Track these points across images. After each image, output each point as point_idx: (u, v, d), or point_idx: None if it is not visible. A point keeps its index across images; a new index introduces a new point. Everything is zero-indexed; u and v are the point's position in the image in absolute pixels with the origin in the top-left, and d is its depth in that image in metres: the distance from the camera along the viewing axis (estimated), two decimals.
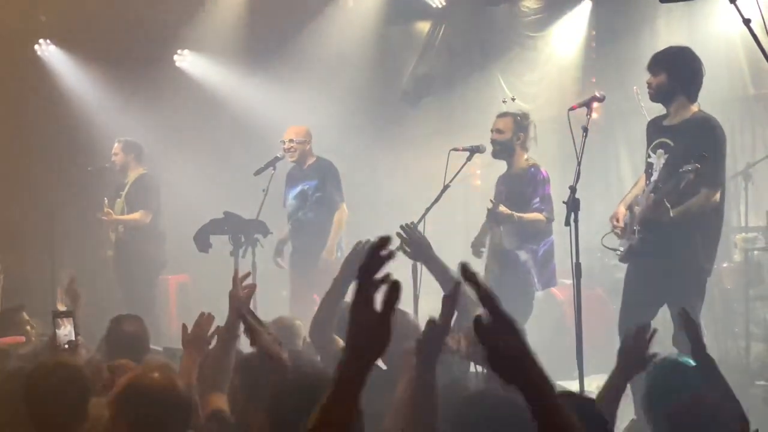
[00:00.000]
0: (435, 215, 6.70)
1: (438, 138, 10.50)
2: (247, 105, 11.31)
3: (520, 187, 7.28)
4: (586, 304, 5.75)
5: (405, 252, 5.32)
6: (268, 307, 6.90)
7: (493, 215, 7.14)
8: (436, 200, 6.71)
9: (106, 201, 9.39)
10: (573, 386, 5.24)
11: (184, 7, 11.20)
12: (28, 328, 6.53)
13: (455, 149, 7.11)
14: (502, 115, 7.47)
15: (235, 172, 9.94)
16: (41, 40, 11.50)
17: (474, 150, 7.09)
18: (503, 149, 7.33)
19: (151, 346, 5.44)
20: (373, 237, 2.02)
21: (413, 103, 11.67)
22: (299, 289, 8.70)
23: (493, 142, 7.33)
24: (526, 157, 7.36)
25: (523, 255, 7.24)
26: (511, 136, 7.30)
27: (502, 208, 7.03)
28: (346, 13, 11.43)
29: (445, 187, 6.78)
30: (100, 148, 10.26)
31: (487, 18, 11.31)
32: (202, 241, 7.82)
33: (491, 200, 7.18)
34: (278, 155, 8.61)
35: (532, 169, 7.27)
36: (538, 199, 7.19)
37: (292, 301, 8.83)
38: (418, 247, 5.33)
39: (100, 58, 11.13)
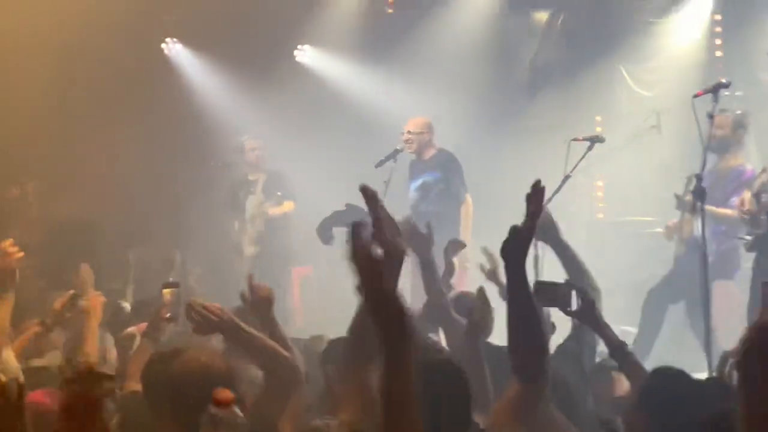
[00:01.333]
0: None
1: (557, 128, 10.41)
2: (367, 98, 11.39)
3: (724, 183, 7.21)
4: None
5: None
6: None
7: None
8: (557, 191, 6.67)
9: (248, 200, 9.67)
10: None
11: (304, 2, 11.37)
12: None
13: (575, 139, 7.06)
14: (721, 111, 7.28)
15: (356, 164, 10.05)
16: (168, 39, 11.87)
17: (594, 140, 7.02)
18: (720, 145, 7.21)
19: None
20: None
21: (532, 94, 11.59)
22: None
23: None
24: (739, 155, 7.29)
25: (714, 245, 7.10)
26: (729, 133, 7.23)
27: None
28: (465, 4, 11.41)
29: (566, 178, 6.74)
30: (223, 144, 10.52)
31: (607, 5, 11.16)
32: (324, 233, 7.93)
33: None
34: (398, 147, 8.67)
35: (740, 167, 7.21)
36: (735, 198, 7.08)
37: (413, 293, 8.87)
38: (544, 227, 5.22)
39: (223, 56, 11.40)
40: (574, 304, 3.99)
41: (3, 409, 2.65)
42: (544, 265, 5.83)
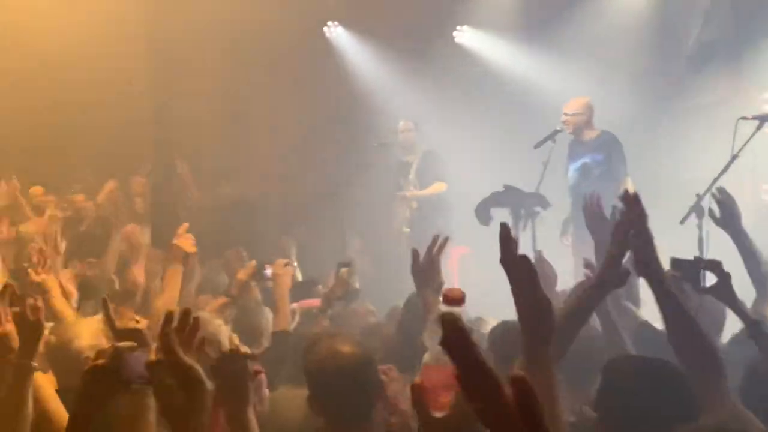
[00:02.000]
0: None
1: (723, 106, 10.07)
2: (526, 78, 11.30)
3: None
4: None
5: (713, 218, 5.12)
6: None
7: None
8: (724, 170, 6.47)
9: (403, 181, 9.77)
10: None
11: None
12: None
13: (744, 118, 6.82)
14: None
15: (515, 145, 9.99)
16: (329, 22, 12.08)
17: (765, 119, 6.77)
18: None
19: None
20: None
21: (698, 71, 11.23)
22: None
23: None
24: None
25: None
26: None
27: None
28: None
29: (734, 157, 6.52)
30: (383, 125, 10.64)
31: None
32: (483, 214, 7.92)
33: None
34: (558, 128, 8.58)
35: None
36: None
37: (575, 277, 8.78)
38: (728, 214, 5.06)
39: (383, 38, 11.54)
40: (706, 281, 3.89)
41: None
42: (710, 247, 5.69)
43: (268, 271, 5.88)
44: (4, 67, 11.54)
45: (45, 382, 3.24)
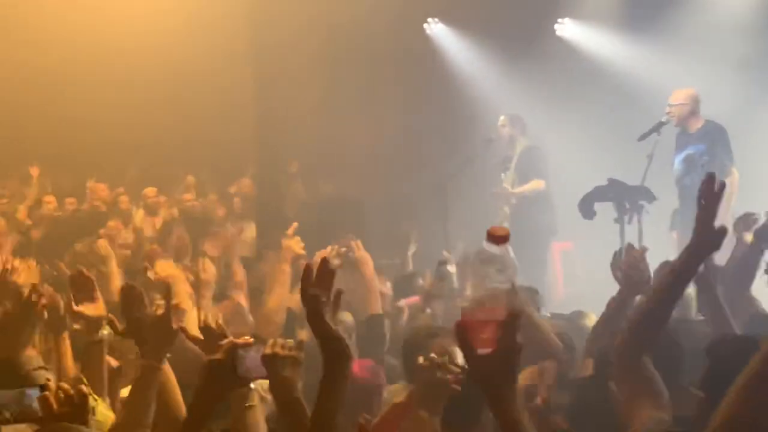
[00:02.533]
0: None
1: None
2: (630, 70, 11.14)
3: None
4: None
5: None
6: None
7: None
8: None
9: (503, 177, 9.76)
10: None
11: None
12: None
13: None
14: None
15: (619, 138, 9.87)
16: (429, 19, 12.13)
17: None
18: None
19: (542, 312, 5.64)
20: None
21: None
22: None
23: None
24: None
25: None
26: None
27: None
28: None
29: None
30: (485, 120, 10.63)
31: None
32: (586, 208, 7.84)
33: None
34: (663, 120, 8.44)
35: None
36: None
37: None
38: None
39: (484, 33, 11.53)
40: None
41: None
42: None
43: (354, 254, 6.01)
44: (120, 69, 11.92)
45: (169, 375, 3.36)
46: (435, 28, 12.19)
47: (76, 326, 4.10)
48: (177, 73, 12.13)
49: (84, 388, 2.58)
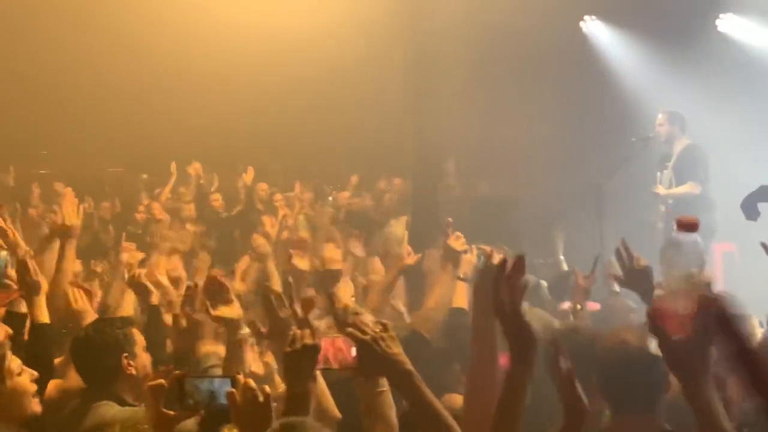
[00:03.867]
0: None
1: None
2: None
3: None
4: None
5: None
6: None
7: None
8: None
9: (660, 175, 9.59)
10: None
11: None
12: None
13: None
14: None
15: None
16: (586, 16, 12.00)
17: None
18: None
19: None
20: None
21: None
22: None
23: None
24: None
25: None
26: None
27: None
28: None
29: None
30: (643, 118, 10.45)
31: None
32: (750, 208, 7.60)
33: None
34: None
35: None
36: None
37: None
38: None
39: (642, 29, 11.34)
40: None
41: None
42: None
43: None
44: (280, 74, 12.27)
45: (319, 378, 3.47)
46: (591, 25, 12.05)
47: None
48: (334, 75, 12.41)
49: (267, 387, 2.68)
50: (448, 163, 11.75)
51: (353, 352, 2.99)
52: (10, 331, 3.73)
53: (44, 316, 4.39)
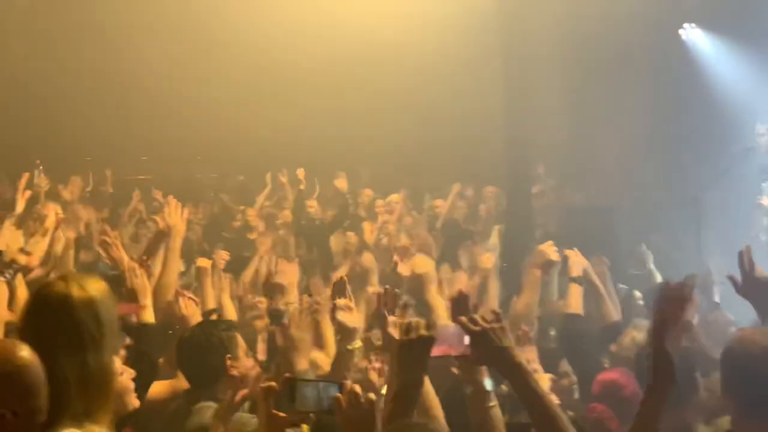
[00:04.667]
0: None
1: None
2: None
3: None
4: None
5: None
6: None
7: None
8: None
9: (764, 186, 9.40)
10: None
11: None
12: None
13: None
14: None
15: None
16: (686, 24, 11.83)
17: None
18: None
19: None
20: None
21: None
22: None
23: None
24: None
25: None
26: None
27: None
28: None
29: None
30: (743, 129, 10.24)
31: None
32: None
33: None
34: None
35: None
36: None
37: None
38: None
39: (743, 38, 11.13)
40: None
41: None
42: None
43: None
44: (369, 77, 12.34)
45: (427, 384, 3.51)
46: (691, 33, 11.87)
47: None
48: (429, 83, 12.45)
49: (372, 395, 2.72)
50: (539, 168, 11.63)
51: (466, 340, 3.02)
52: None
53: (149, 316, 4.51)
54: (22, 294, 4.79)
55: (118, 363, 3.65)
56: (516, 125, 10.19)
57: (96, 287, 2.85)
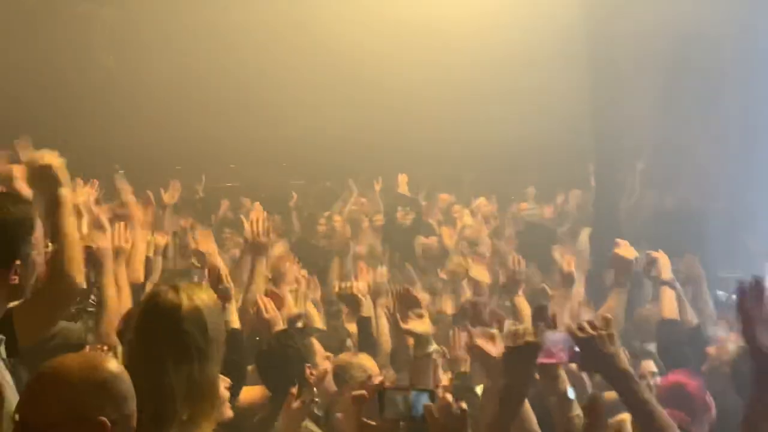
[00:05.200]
0: None
1: None
2: None
3: None
4: None
5: None
6: None
7: None
8: None
9: None
10: None
11: None
12: None
13: None
14: None
15: None
16: None
17: None
18: None
19: None
20: None
21: None
22: None
23: None
24: None
25: None
26: None
27: None
28: None
29: None
30: None
31: None
32: None
33: None
34: None
35: None
36: None
37: None
38: None
39: None
40: None
41: None
42: None
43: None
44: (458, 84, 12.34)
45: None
46: None
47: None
48: (513, 89, 12.40)
49: (464, 404, 2.71)
50: (638, 165, 11.45)
51: (572, 348, 3.06)
52: None
53: (236, 322, 4.59)
54: None
55: None
56: (606, 126, 10.10)
57: (204, 297, 2.90)
